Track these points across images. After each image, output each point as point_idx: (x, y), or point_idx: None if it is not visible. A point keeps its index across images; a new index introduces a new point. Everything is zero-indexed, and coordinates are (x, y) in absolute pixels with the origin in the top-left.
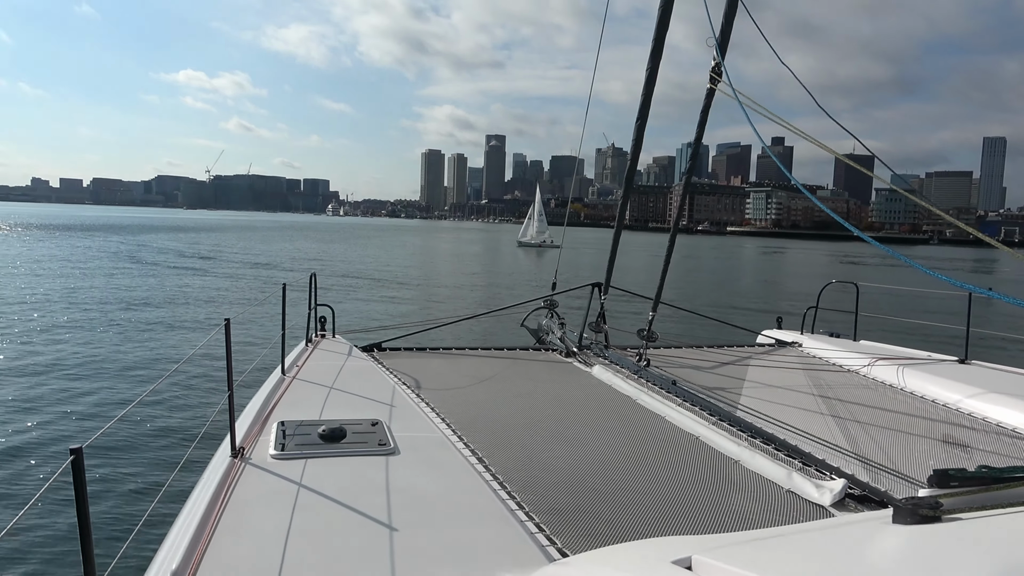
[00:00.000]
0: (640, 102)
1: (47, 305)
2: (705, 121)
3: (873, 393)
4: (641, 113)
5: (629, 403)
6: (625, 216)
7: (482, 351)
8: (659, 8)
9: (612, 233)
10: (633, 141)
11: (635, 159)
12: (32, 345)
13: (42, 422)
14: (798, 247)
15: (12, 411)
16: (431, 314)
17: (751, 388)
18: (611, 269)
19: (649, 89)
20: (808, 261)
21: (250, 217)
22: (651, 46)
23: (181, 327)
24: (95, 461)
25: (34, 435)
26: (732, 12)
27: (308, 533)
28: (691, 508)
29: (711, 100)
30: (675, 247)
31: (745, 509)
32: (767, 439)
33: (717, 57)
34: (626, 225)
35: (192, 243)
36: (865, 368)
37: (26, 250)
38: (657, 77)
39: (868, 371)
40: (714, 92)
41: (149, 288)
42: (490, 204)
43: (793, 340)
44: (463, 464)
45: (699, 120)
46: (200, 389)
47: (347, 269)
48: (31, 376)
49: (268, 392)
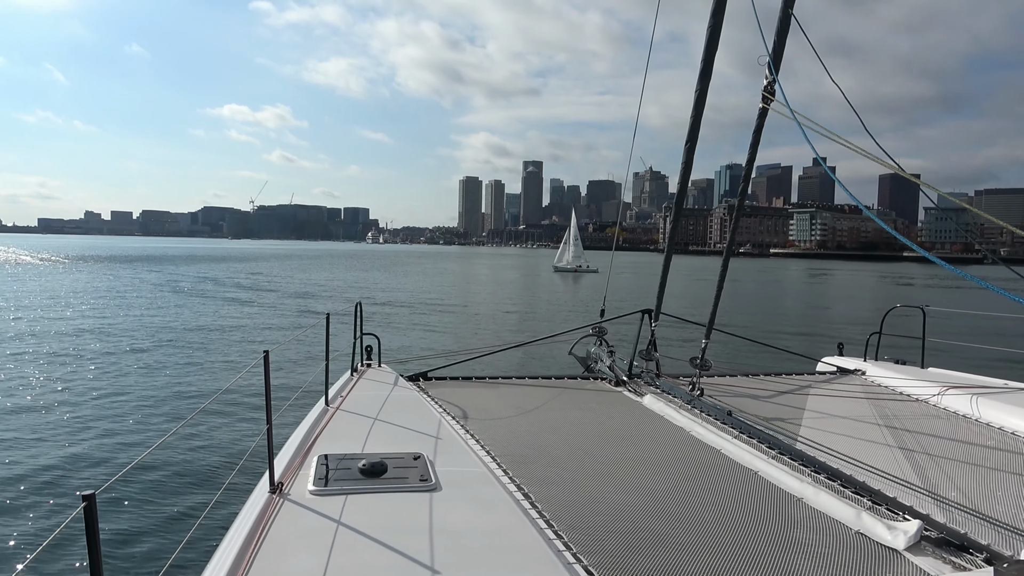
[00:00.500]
0: (689, 125)
1: (88, 335)
2: (758, 141)
3: (945, 424)
4: (690, 136)
5: (683, 435)
6: (675, 240)
7: (529, 380)
8: (708, 29)
9: (651, 257)
10: (683, 164)
11: (685, 182)
12: (72, 376)
13: (74, 455)
14: (845, 268)
15: (45, 442)
16: (476, 342)
17: (812, 419)
18: (661, 295)
19: (698, 111)
20: (860, 283)
21: (292, 246)
22: (700, 67)
23: (224, 359)
24: (130, 495)
25: (65, 469)
26: (785, 30)
27: (344, 574)
28: (753, 550)
29: (764, 120)
30: (715, 270)
31: (811, 552)
32: (832, 475)
33: (769, 75)
34: (664, 248)
35: (236, 273)
36: (935, 397)
37: (75, 282)
38: (706, 99)
39: (939, 400)
40: (767, 111)
41: (191, 318)
42: (528, 229)
43: (856, 368)
44: (507, 501)
45: (752, 140)
46: (242, 421)
47: (387, 298)
48: (69, 407)
49: (311, 423)
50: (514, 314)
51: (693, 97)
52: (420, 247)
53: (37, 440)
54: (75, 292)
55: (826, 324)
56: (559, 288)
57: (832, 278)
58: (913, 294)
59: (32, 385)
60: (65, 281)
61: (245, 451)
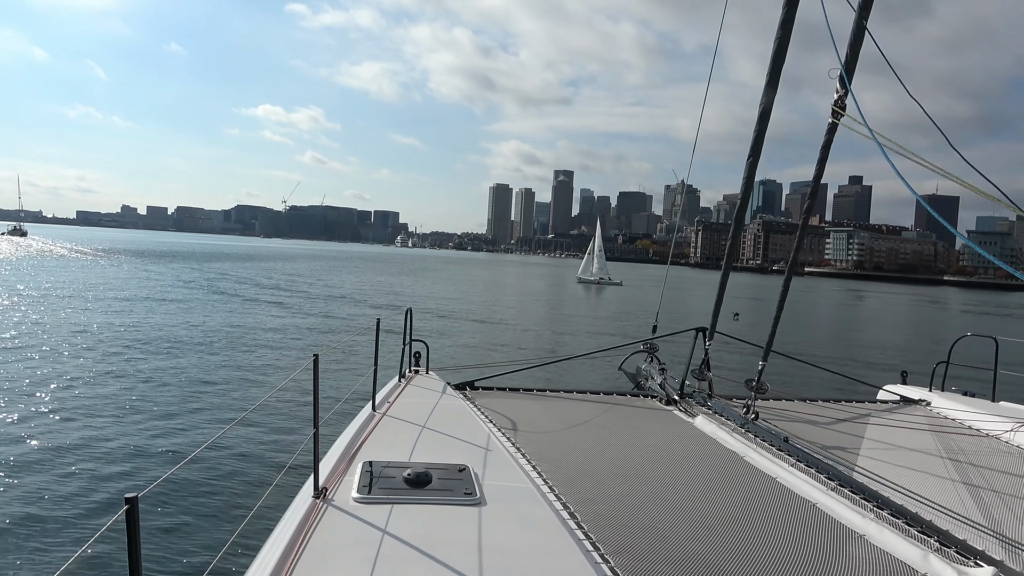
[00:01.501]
0: (752, 137)
1: (135, 334)
2: (826, 157)
3: (1018, 462)
4: (753, 149)
5: (736, 459)
6: (735, 256)
7: (577, 394)
8: (775, 40)
9: (680, 271)
10: (744, 178)
11: (746, 196)
12: (119, 377)
13: (119, 457)
14: (885, 291)
15: (90, 443)
16: (509, 355)
17: (873, 450)
18: (717, 313)
19: (763, 124)
20: (907, 307)
21: (322, 247)
22: (766, 79)
23: (270, 362)
24: (174, 496)
25: (109, 470)
26: (859, 42)
27: None
28: None
29: (833, 135)
30: (748, 287)
31: None
32: (896, 511)
33: (840, 89)
34: (697, 263)
35: (271, 273)
36: (1007, 433)
37: (113, 278)
38: (771, 111)
39: (1011, 437)
40: (836, 127)
41: (236, 319)
42: (556, 238)
43: (921, 398)
44: (552, 520)
45: (819, 156)
46: (289, 424)
47: (416, 304)
48: (115, 408)
49: (357, 429)
50: (533, 331)
51: (758, 110)
52: (448, 252)
53: (82, 441)
54: (121, 289)
55: (878, 350)
56: (580, 300)
57: (875, 300)
58: (968, 322)
59: (78, 386)
60: (110, 276)
61: (290, 455)
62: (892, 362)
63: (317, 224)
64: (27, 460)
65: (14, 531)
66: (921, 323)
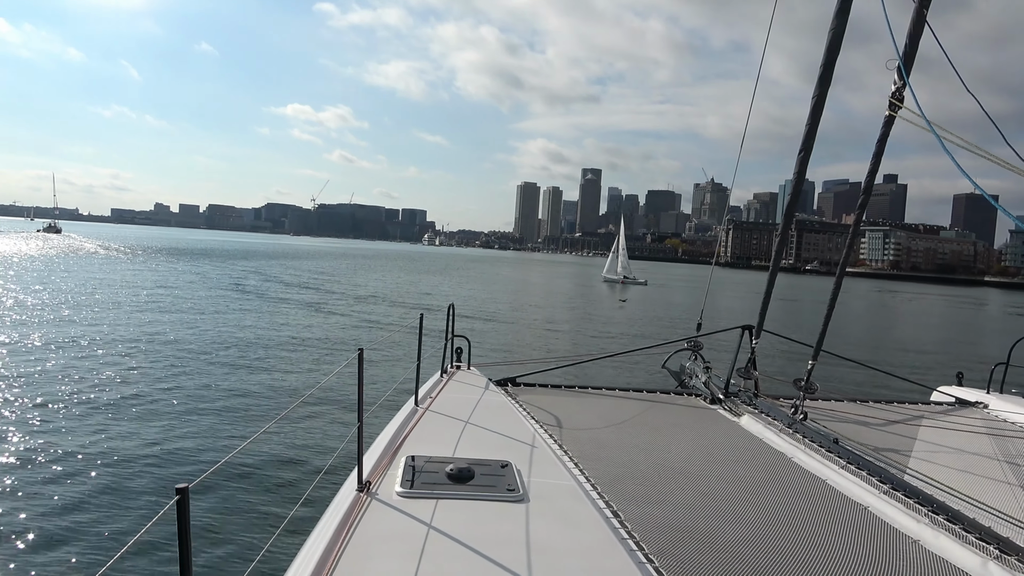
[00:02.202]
0: (804, 132)
1: (181, 331)
2: (882, 151)
3: None
4: (805, 144)
5: (783, 460)
6: (783, 254)
7: (619, 392)
8: (830, 32)
9: (708, 270)
10: (796, 173)
11: (797, 190)
12: (167, 372)
13: (169, 449)
14: (920, 291)
15: (141, 435)
16: (556, 351)
17: (928, 452)
18: (764, 311)
19: (816, 117)
20: (942, 308)
21: (350, 244)
22: (819, 72)
23: (313, 358)
24: (222, 489)
25: (159, 462)
26: (919, 31)
27: None
28: None
29: (890, 129)
30: (781, 286)
31: None
32: (953, 516)
33: (899, 81)
34: (727, 262)
35: (299, 271)
36: None
37: (153, 275)
38: (824, 104)
39: None
40: (894, 119)
41: (275, 319)
42: (584, 237)
43: (977, 400)
44: (596, 519)
45: (875, 150)
46: (333, 418)
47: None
48: (164, 402)
49: (400, 423)
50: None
51: (811, 103)
52: (475, 251)
53: (134, 435)
54: (162, 287)
55: (921, 352)
56: (604, 299)
57: (914, 301)
58: (1014, 324)
59: (130, 383)
60: (149, 276)
61: (335, 448)
62: (938, 364)
63: (345, 222)
64: (81, 453)
65: (68, 521)
66: (964, 325)
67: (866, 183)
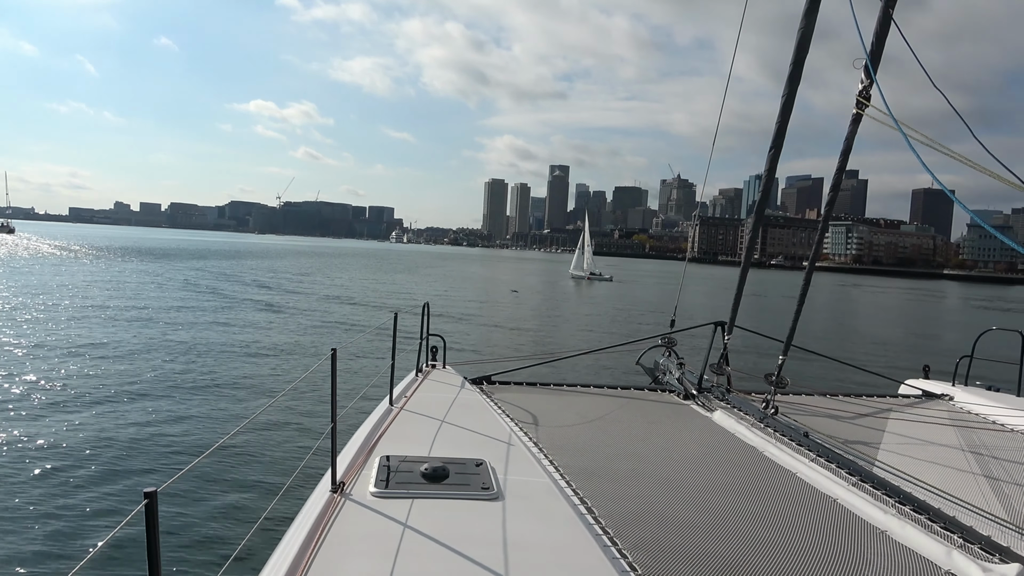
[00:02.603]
0: (775, 130)
1: (152, 331)
2: (850, 148)
3: None
4: (775, 142)
5: (755, 454)
6: (752, 253)
7: (594, 388)
8: (799, 31)
9: (675, 265)
10: (766, 171)
11: (768, 188)
12: (136, 374)
13: (138, 452)
14: (882, 284)
15: (110, 438)
16: (531, 350)
17: (896, 445)
18: (736, 307)
19: (785, 115)
20: (905, 301)
21: (316, 243)
22: (789, 71)
23: (284, 359)
24: (193, 491)
25: (128, 466)
26: (885, 30)
27: None
28: None
29: (857, 127)
30: (748, 281)
31: None
32: (919, 507)
33: (866, 80)
34: (694, 258)
35: (257, 272)
36: None
37: (117, 276)
38: (794, 103)
39: None
40: (861, 118)
41: (244, 320)
42: (552, 234)
43: (943, 392)
44: (571, 515)
45: (843, 147)
46: (306, 419)
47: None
48: (133, 405)
49: (374, 423)
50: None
51: (780, 102)
52: (443, 248)
53: (102, 438)
54: (129, 288)
55: (887, 345)
56: (571, 297)
57: (877, 295)
58: (973, 316)
59: (97, 386)
60: (112, 277)
61: (308, 449)
62: (905, 355)
63: (312, 220)
64: (47, 457)
65: (34, 526)
66: (928, 318)
67: (835, 180)
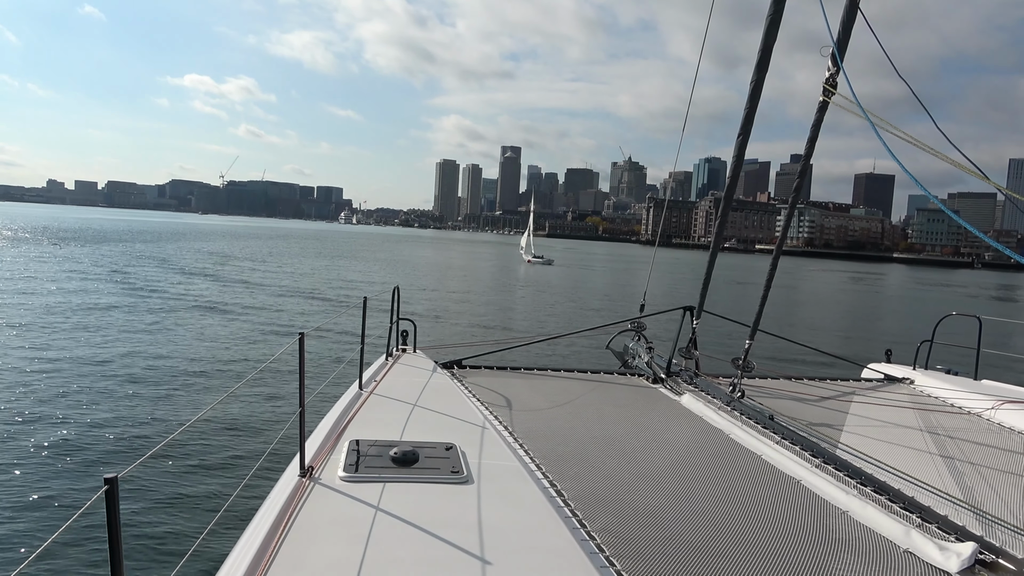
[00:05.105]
0: (743, 115)
1: (114, 314)
2: (816, 136)
3: (999, 440)
4: (743, 128)
5: (722, 437)
6: (722, 237)
7: (564, 372)
8: (767, 18)
9: (629, 248)
10: (734, 157)
11: (736, 174)
12: (98, 357)
13: (100, 438)
14: (835, 268)
15: (71, 423)
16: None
17: (858, 427)
18: (704, 292)
19: (753, 102)
20: (859, 284)
21: (262, 223)
22: (757, 57)
23: (251, 344)
24: (156, 477)
25: (90, 451)
26: (851, 18)
27: (369, 565)
28: (793, 563)
29: (824, 114)
30: (700, 264)
31: (856, 569)
32: (879, 488)
33: (832, 67)
34: (647, 241)
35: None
36: (989, 411)
37: (65, 259)
38: (762, 89)
39: (992, 415)
40: (827, 105)
41: (210, 300)
42: (504, 215)
43: (904, 376)
44: (540, 498)
45: (810, 135)
46: (274, 403)
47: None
48: (96, 389)
49: (343, 408)
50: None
51: (749, 88)
52: (394, 229)
53: (61, 424)
54: (72, 272)
55: (848, 328)
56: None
57: (832, 277)
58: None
59: (55, 368)
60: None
61: (276, 434)
62: (864, 338)
63: (257, 200)
64: (3, 443)
65: None
66: (884, 300)
67: (802, 166)
